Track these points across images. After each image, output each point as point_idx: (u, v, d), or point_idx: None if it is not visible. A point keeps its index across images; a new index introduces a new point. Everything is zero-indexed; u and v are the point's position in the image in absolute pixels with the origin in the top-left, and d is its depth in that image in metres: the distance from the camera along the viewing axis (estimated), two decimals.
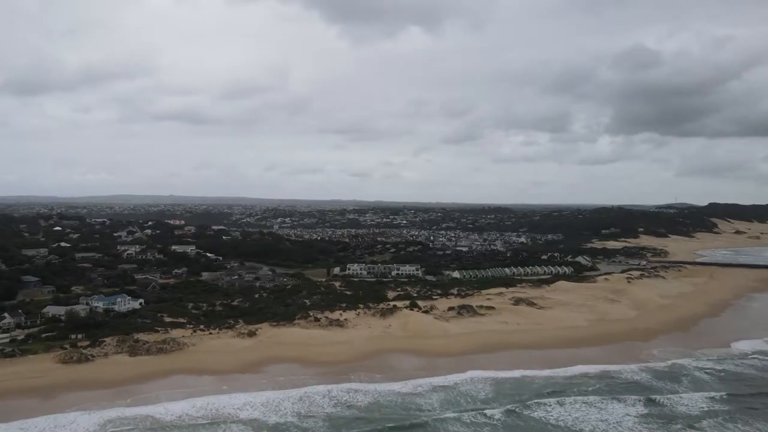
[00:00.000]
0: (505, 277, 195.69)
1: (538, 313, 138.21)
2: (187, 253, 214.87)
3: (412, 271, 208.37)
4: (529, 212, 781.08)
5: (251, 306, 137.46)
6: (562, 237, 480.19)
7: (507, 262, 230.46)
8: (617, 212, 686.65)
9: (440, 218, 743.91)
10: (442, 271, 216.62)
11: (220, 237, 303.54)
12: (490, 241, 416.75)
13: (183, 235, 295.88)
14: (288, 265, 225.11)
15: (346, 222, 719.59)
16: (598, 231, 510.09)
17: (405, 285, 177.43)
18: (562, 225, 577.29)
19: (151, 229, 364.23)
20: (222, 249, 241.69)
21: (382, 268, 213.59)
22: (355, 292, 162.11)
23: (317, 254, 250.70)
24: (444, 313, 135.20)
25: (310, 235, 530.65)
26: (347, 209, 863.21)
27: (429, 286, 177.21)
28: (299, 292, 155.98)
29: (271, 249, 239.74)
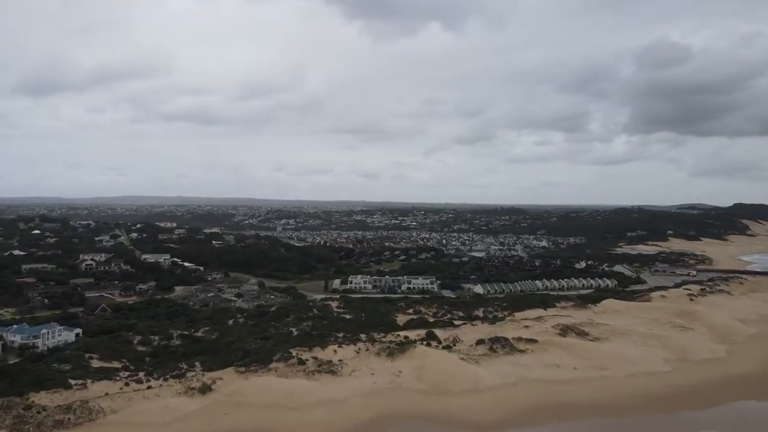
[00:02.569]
0: (539, 294, 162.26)
1: (595, 349, 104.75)
2: (160, 264, 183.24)
3: (426, 285, 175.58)
4: (544, 213, 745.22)
5: (219, 339, 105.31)
6: (585, 240, 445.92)
7: (537, 274, 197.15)
8: (638, 213, 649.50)
9: (452, 220, 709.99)
10: (461, 284, 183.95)
11: (210, 242, 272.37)
12: (509, 246, 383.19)
13: (167, 240, 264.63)
14: (281, 276, 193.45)
15: (352, 224, 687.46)
16: (622, 233, 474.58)
17: (418, 304, 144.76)
18: (581, 227, 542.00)
19: (138, 232, 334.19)
20: (206, 257, 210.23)
21: (390, 280, 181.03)
22: (356, 316, 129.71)
23: (316, 263, 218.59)
24: (472, 350, 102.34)
25: (313, 238, 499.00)
26: (354, 210, 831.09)
27: (447, 306, 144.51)
28: (285, 317, 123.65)
29: (261, 257, 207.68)
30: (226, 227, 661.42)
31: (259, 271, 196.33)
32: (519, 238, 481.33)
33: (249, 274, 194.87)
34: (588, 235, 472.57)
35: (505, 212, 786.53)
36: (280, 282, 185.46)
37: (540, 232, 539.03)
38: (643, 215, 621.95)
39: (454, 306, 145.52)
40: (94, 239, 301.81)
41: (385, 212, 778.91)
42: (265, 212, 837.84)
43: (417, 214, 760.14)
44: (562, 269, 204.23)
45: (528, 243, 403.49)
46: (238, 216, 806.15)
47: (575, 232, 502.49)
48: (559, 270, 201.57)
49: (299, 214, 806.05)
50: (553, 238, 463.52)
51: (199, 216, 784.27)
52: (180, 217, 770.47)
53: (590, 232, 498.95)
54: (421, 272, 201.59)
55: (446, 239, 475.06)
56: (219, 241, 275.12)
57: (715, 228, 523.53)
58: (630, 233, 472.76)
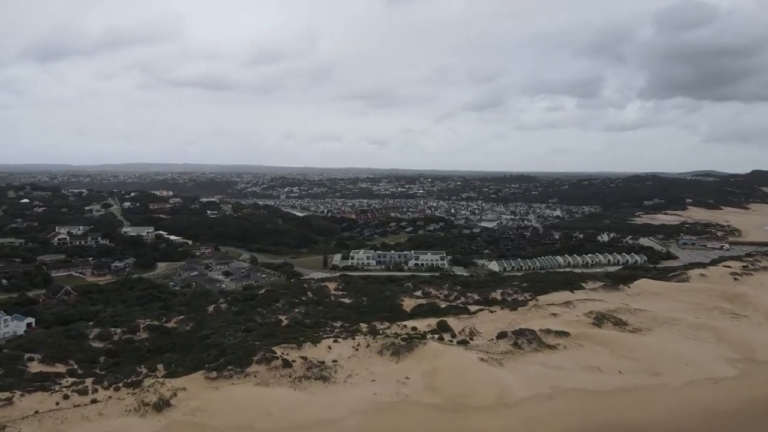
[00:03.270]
0: (563, 273, 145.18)
1: (639, 344, 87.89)
2: (142, 238, 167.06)
3: (436, 261, 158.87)
4: (555, 181, 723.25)
5: (193, 331, 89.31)
6: (601, 209, 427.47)
7: (557, 248, 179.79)
8: (654, 180, 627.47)
9: (460, 188, 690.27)
10: (474, 259, 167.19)
11: (204, 212, 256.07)
12: (521, 216, 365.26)
13: (158, 211, 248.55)
14: (277, 250, 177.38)
15: (358, 191, 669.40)
16: (639, 202, 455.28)
17: (427, 284, 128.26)
18: (595, 195, 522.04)
19: (131, 201, 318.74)
20: (196, 229, 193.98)
21: (396, 256, 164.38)
22: (356, 300, 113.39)
23: (315, 235, 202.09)
24: (492, 346, 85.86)
25: (317, 206, 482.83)
26: (360, 178, 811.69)
27: (460, 286, 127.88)
28: (275, 302, 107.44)
29: (255, 230, 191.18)
30: (229, 195, 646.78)
31: (253, 244, 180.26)
32: (530, 207, 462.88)
33: (242, 249, 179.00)
34: (603, 204, 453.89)
35: (515, 180, 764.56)
36: (275, 257, 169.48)
37: (552, 200, 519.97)
38: (658, 183, 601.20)
39: (468, 287, 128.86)
40: (84, 209, 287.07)
41: (392, 180, 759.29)
42: (269, 180, 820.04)
43: (424, 182, 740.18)
44: (585, 243, 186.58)
45: (541, 212, 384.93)
46: (241, 183, 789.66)
47: (589, 201, 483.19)
48: (581, 244, 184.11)
49: (303, 181, 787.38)
50: (566, 207, 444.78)
51: (202, 184, 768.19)
52: (182, 185, 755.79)
53: (605, 200, 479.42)
54: (430, 246, 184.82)
55: (455, 208, 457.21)
56: (214, 211, 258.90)
57: (734, 196, 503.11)
58: (647, 202, 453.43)
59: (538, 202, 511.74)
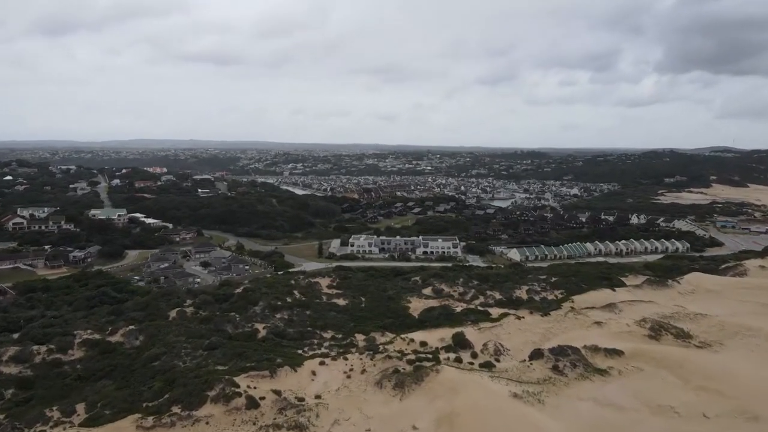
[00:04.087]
0: (596, 264, 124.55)
1: (716, 367, 67.80)
2: (112, 222, 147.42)
3: (448, 249, 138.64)
4: (568, 157, 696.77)
5: (141, 348, 70.07)
6: (619, 187, 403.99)
7: (585, 233, 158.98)
8: (671, 157, 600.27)
9: (469, 164, 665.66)
10: (490, 245, 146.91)
11: (195, 191, 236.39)
12: (537, 194, 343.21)
13: (144, 189, 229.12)
14: (268, 235, 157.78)
15: (363, 168, 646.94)
16: (659, 179, 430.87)
17: (438, 279, 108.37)
18: (612, 172, 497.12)
19: (121, 178, 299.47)
20: (180, 210, 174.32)
21: (401, 243, 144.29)
22: (353, 301, 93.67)
23: (313, 217, 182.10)
24: (525, 370, 66.25)
25: (320, 183, 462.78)
26: (366, 154, 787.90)
27: (477, 281, 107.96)
28: (253, 304, 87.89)
29: (244, 212, 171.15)
30: (231, 172, 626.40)
31: (242, 228, 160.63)
32: (545, 185, 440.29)
33: (229, 233, 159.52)
34: (621, 182, 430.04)
35: (526, 156, 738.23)
36: (265, 243, 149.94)
37: (566, 177, 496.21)
38: (676, 159, 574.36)
39: (486, 281, 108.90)
40: (69, 186, 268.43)
41: (399, 156, 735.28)
42: (273, 156, 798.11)
43: (432, 158, 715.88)
44: (616, 227, 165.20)
45: (557, 191, 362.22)
46: (244, 160, 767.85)
47: (606, 178, 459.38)
48: (612, 228, 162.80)
49: (308, 158, 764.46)
50: (582, 185, 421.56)
51: (204, 160, 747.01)
52: (183, 161, 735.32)
53: (622, 177, 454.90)
54: (440, 230, 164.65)
55: (465, 185, 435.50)
56: (206, 190, 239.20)
57: (759, 173, 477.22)
58: (668, 179, 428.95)
59: (552, 180, 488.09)
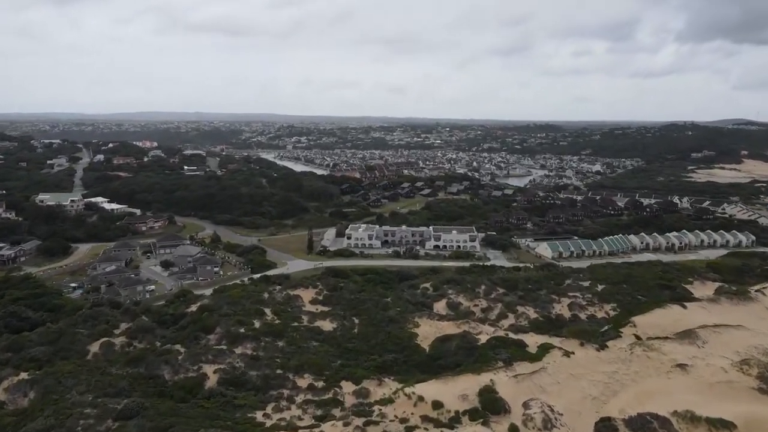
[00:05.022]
0: (650, 266, 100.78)
1: None
2: (64, 209, 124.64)
3: (464, 242, 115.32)
4: (583, 130, 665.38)
5: (22, 417, 47.75)
6: (644, 163, 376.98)
7: (625, 222, 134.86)
8: (694, 130, 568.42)
9: (480, 137, 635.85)
10: (514, 236, 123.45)
11: (181, 168, 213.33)
12: (557, 171, 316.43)
13: (122, 167, 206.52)
14: (252, 223, 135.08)
15: (370, 142, 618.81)
16: (685, 154, 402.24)
17: (454, 287, 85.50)
18: (633, 146, 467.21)
19: (107, 153, 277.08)
20: (152, 193, 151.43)
21: (408, 234, 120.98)
22: (342, 324, 70.77)
23: (307, 200, 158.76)
24: None
25: (322, 158, 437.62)
26: (373, 127, 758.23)
27: (504, 291, 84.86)
28: (209, 331, 65.45)
29: (225, 195, 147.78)
30: (232, 145, 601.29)
31: (222, 215, 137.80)
32: (562, 160, 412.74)
33: (206, 220, 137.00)
34: (644, 157, 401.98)
35: (540, 129, 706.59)
36: (248, 233, 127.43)
37: (584, 152, 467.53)
38: (700, 132, 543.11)
39: (515, 288, 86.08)
40: (46, 162, 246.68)
41: (407, 129, 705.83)
42: (276, 129, 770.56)
43: (442, 131, 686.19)
44: (661, 214, 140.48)
45: (579, 167, 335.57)
46: (247, 133, 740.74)
47: (627, 153, 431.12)
48: (657, 215, 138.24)
49: (312, 131, 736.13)
50: (603, 160, 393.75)
51: (206, 133, 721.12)
52: (184, 134, 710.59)
53: (645, 152, 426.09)
54: (454, 217, 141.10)
55: (477, 161, 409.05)
56: (194, 167, 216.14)
57: None
58: (695, 154, 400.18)
59: (569, 154, 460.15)
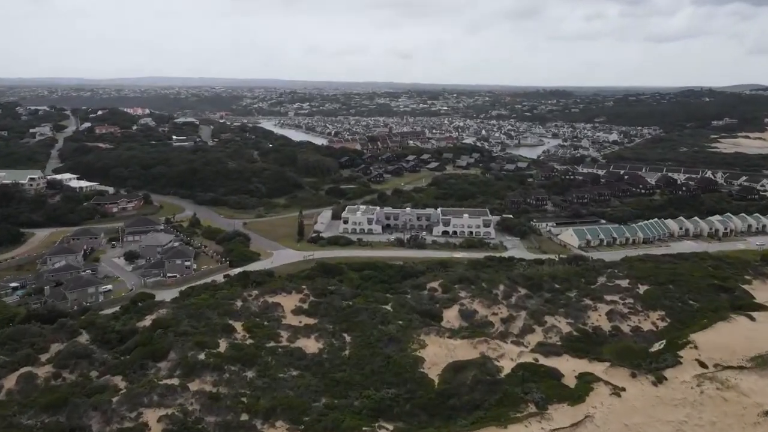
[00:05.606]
0: (696, 258, 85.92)
1: None
2: (21, 188, 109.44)
3: (477, 227, 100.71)
4: (596, 97, 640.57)
5: None
6: (662, 131, 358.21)
7: (659, 203, 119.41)
8: (712, 96, 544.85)
9: (488, 104, 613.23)
10: (533, 219, 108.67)
11: (170, 138, 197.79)
12: (570, 140, 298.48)
13: (103, 137, 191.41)
14: (239, 202, 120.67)
15: (374, 108, 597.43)
16: (704, 122, 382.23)
17: (467, 288, 71.34)
18: (650, 114, 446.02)
19: (94, 121, 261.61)
20: (128, 168, 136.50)
21: (413, 217, 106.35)
22: (330, 342, 56.60)
23: (302, 175, 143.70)
24: None
25: (324, 126, 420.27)
26: (377, 93, 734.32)
27: (527, 293, 70.71)
28: (158, 358, 51.63)
29: (210, 170, 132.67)
30: (233, 112, 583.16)
31: (205, 193, 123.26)
32: (575, 129, 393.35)
33: (187, 199, 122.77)
34: (662, 125, 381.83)
35: (550, 95, 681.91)
36: (233, 214, 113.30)
37: (598, 119, 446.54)
38: (719, 98, 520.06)
39: (540, 289, 72.00)
40: (29, 131, 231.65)
41: (413, 95, 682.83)
42: (278, 95, 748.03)
43: (449, 98, 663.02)
44: (699, 193, 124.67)
45: (594, 137, 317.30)
46: (248, 99, 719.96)
47: (643, 121, 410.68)
48: (695, 195, 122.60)
49: (315, 97, 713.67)
50: (619, 129, 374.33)
51: (207, 99, 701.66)
52: (184, 100, 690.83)
53: (663, 120, 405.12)
54: (465, 195, 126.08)
55: (486, 129, 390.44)
56: (183, 138, 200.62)
57: None
58: (716, 122, 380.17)
59: (582, 122, 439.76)
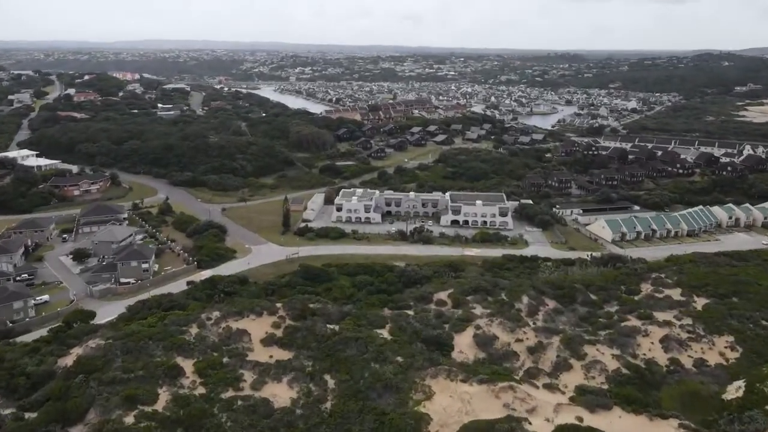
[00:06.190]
0: (759, 257, 71.52)
1: None
2: None
3: (492, 217, 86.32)
4: (609, 61, 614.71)
5: None
6: (683, 98, 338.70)
7: (699, 186, 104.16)
8: (731, 60, 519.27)
9: (497, 69, 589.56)
10: (557, 207, 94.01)
11: (155, 107, 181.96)
12: (587, 108, 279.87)
13: (84, 104, 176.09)
14: (219, 183, 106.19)
15: (378, 73, 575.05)
16: (726, 88, 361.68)
17: (483, 300, 57.25)
18: (668, 79, 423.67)
19: (81, 87, 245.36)
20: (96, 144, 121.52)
21: (418, 204, 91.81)
22: (306, 392, 42.78)
23: (294, 150, 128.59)
24: None
25: (326, 91, 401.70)
26: (382, 57, 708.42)
27: (557, 307, 56.66)
28: (74, 421, 37.85)
29: (188, 146, 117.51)
30: (232, 76, 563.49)
31: (181, 173, 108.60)
32: (589, 95, 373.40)
33: (162, 179, 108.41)
34: (682, 91, 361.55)
35: (561, 59, 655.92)
36: (213, 197, 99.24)
37: (612, 85, 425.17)
38: (739, 63, 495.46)
39: (571, 302, 58.11)
40: (7, 98, 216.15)
41: (418, 59, 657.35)
42: (279, 59, 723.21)
43: (456, 62, 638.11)
44: (746, 173, 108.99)
45: (612, 105, 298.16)
46: (248, 63, 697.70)
47: (661, 87, 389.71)
48: (741, 176, 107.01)
49: (318, 61, 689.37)
50: (636, 95, 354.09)
51: (206, 63, 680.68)
52: (183, 63, 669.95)
53: (682, 86, 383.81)
54: (476, 175, 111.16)
55: (495, 95, 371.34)
56: (169, 106, 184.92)
57: None
58: (738, 88, 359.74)
59: (596, 88, 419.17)
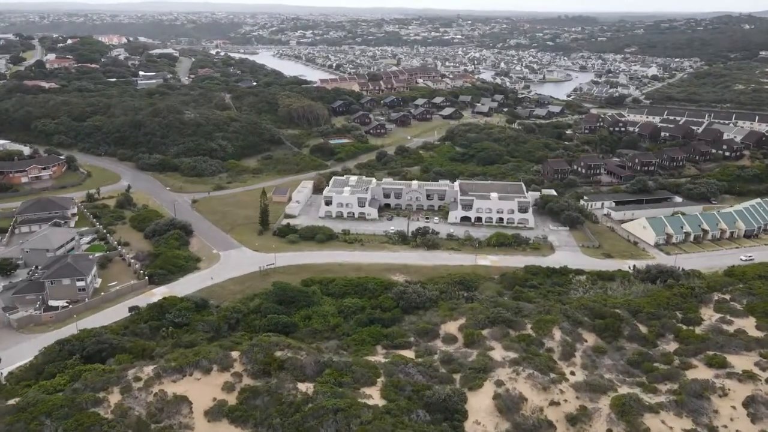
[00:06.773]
0: None
1: None
2: None
3: (510, 213, 72.34)
4: (623, 23, 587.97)
5: None
6: (704, 64, 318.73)
7: (750, 172, 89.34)
8: (754, 22, 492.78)
9: (506, 32, 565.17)
10: (585, 198, 79.96)
11: (136, 75, 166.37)
12: (605, 75, 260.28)
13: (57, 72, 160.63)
14: (195, 167, 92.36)
15: (382, 37, 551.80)
16: (752, 52, 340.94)
17: (500, 332, 43.90)
18: (687, 44, 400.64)
19: (61, 51, 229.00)
20: (55, 121, 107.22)
21: (422, 195, 77.75)
22: None
23: (284, 126, 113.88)
24: None
25: (326, 56, 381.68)
26: (386, 20, 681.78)
27: (593, 340, 43.21)
28: None
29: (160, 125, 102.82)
30: (230, 40, 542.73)
31: (151, 155, 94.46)
32: (605, 61, 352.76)
33: (128, 162, 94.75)
34: (703, 56, 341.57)
35: (573, 22, 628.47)
36: (185, 183, 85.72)
37: (629, 49, 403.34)
38: (763, 25, 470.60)
39: (615, 336, 45.56)
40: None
41: (424, 22, 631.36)
42: (280, 22, 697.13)
43: (463, 25, 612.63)
44: None
45: (630, 71, 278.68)
46: (248, 26, 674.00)
47: (680, 51, 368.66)
48: None
49: (319, 24, 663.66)
50: (654, 60, 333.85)
51: (203, 26, 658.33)
52: (180, 26, 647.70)
53: (703, 50, 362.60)
54: (489, 159, 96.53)
55: (505, 61, 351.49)
56: (151, 74, 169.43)
57: None
58: (763, 52, 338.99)
59: (611, 52, 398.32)
